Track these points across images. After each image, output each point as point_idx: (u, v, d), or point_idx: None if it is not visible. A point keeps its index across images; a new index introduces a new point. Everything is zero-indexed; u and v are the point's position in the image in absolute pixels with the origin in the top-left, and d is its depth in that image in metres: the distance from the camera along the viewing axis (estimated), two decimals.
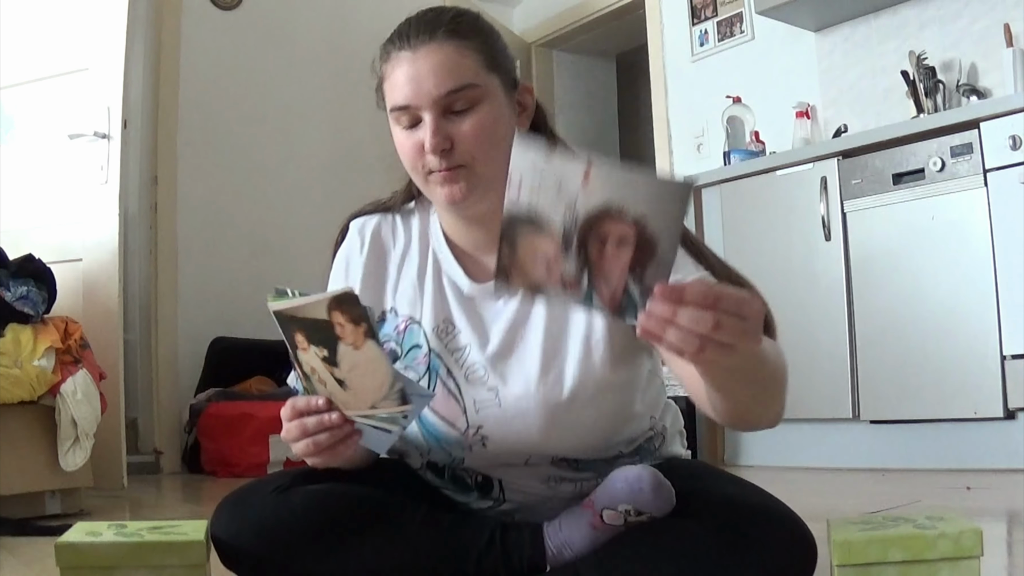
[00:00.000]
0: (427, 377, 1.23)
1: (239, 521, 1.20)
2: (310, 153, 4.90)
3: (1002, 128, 2.86)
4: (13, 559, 2.02)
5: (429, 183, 1.20)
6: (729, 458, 3.63)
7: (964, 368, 2.94)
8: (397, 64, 1.18)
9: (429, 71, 1.15)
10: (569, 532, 1.17)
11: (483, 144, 1.17)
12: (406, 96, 1.17)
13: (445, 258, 1.27)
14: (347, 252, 1.33)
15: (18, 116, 3.53)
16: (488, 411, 1.21)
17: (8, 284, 2.78)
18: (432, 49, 1.16)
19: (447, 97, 1.15)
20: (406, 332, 1.26)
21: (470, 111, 1.16)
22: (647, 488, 1.11)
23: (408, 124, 1.19)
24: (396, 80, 1.18)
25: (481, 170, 1.18)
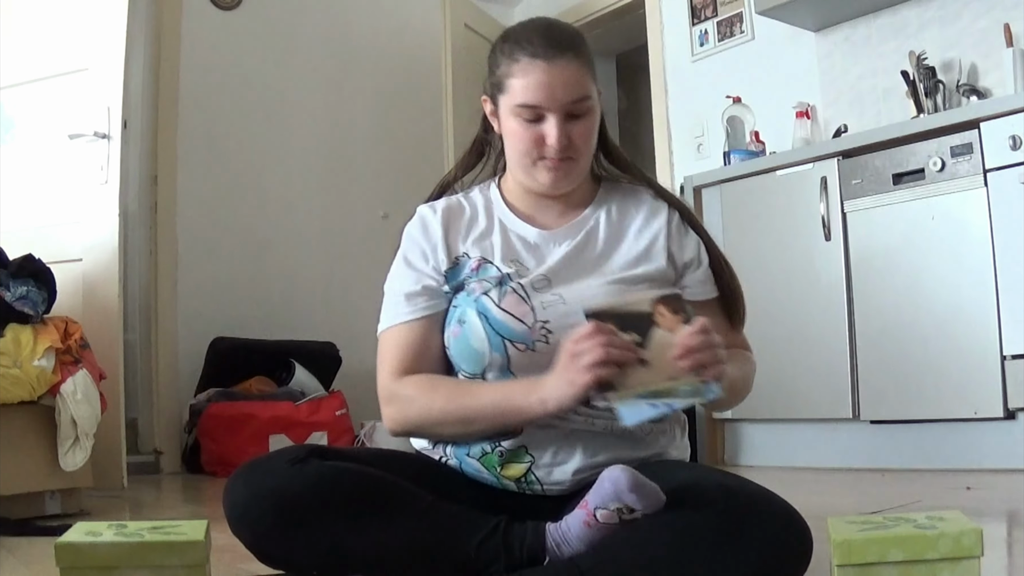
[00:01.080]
0: (499, 287, 1.39)
1: (254, 487, 1.24)
2: (309, 153, 4.90)
3: (1002, 128, 2.86)
4: (13, 559, 2.02)
5: (536, 168, 1.43)
6: (729, 458, 3.63)
7: (964, 368, 2.94)
8: (530, 70, 1.38)
9: (562, 82, 1.37)
10: (567, 528, 1.21)
11: (588, 143, 1.43)
12: (539, 99, 1.38)
13: (509, 219, 1.49)
14: (421, 219, 1.51)
15: (18, 116, 3.53)
16: (554, 308, 1.37)
17: (8, 284, 2.78)
18: (565, 64, 1.38)
19: (572, 104, 1.39)
20: (480, 268, 1.44)
21: (583, 116, 1.41)
22: (626, 488, 1.15)
23: (531, 118, 1.39)
24: (528, 84, 1.38)
25: (581, 162, 1.44)
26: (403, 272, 1.47)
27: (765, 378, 3.83)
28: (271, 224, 4.74)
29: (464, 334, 1.38)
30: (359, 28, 5.08)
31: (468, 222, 1.50)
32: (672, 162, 4.56)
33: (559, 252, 1.45)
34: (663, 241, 1.46)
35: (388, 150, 5.05)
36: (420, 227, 1.49)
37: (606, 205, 1.50)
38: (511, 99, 1.40)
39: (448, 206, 1.52)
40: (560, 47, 1.38)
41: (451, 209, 1.51)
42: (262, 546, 1.26)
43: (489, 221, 1.49)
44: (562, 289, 1.40)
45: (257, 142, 4.74)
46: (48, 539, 1.99)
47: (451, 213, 1.50)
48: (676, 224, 1.48)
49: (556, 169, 1.42)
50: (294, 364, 4.31)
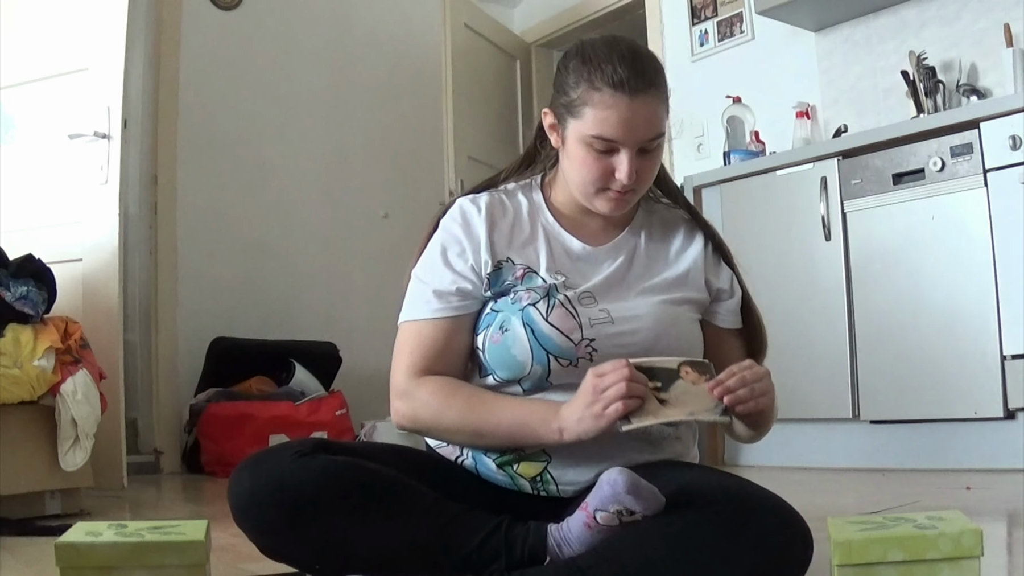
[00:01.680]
0: (547, 299, 1.37)
1: (259, 478, 1.23)
2: (309, 153, 4.90)
3: (1002, 128, 2.86)
4: (13, 559, 2.02)
5: (598, 195, 1.40)
6: (729, 458, 3.63)
7: (964, 368, 2.94)
8: (613, 104, 1.33)
9: (643, 121, 1.34)
10: (568, 529, 1.21)
11: (653, 177, 1.42)
12: (617, 134, 1.34)
13: (554, 228, 1.47)
14: (462, 213, 1.46)
15: (18, 116, 3.53)
16: (601, 327, 1.36)
17: (8, 284, 2.78)
18: (647, 101, 1.34)
19: (648, 142, 1.36)
20: (525, 276, 1.41)
21: (654, 152, 1.38)
22: (623, 493, 1.15)
23: (603, 149, 1.35)
24: (607, 116, 1.33)
25: (642, 192, 1.43)
26: (438, 267, 1.43)
27: None
28: (271, 224, 4.73)
29: (505, 342, 1.36)
30: (359, 28, 5.08)
31: (512, 224, 1.46)
32: (672, 162, 4.56)
33: (604, 269, 1.44)
34: (700, 266, 1.48)
35: (388, 150, 5.05)
36: (462, 222, 1.45)
37: (646, 227, 1.50)
38: (584, 127, 1.35)
39: (492, 203, 1.47)
40: (645, 83, 1.34)
41: (494, 207, 1.47)
42: (265, 539, 1.26)
43: (533, 227, 1.47)
44: (609, 306, 1.39)
45: (257, 142, 4.74)
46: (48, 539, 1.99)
47: (495, 212, 1.46)
48: (711, 252, 1.51)
49: (618, 200, 1.40)
50: (294, 364, 4.31)
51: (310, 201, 4.84)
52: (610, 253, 1.46)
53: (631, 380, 1.21)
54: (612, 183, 1.37)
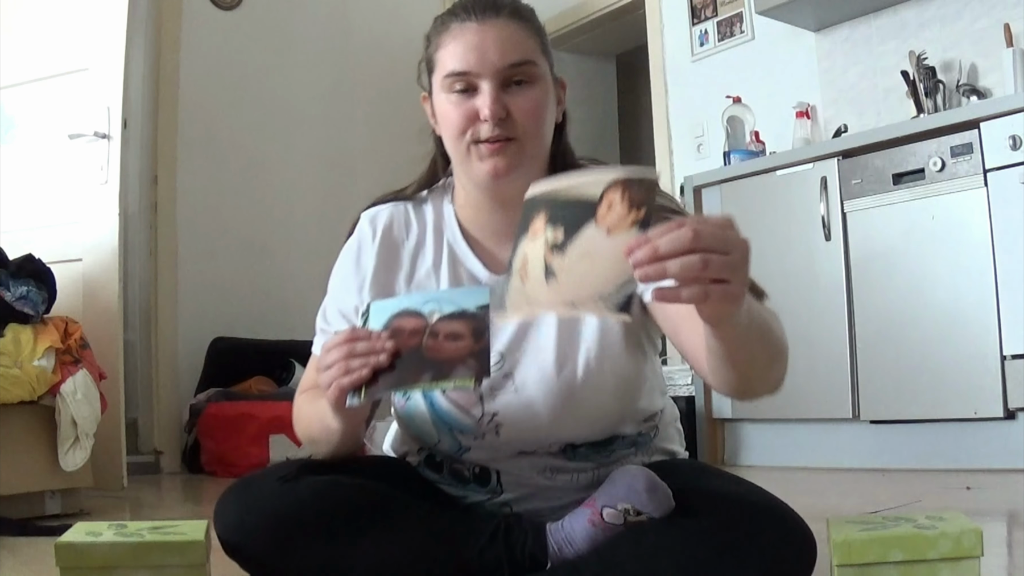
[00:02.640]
0: None
1: (244, 509, 1.20)
2: (310, 153, 4.90)
3: (1002, 128, 2.86)
4: (13, 559, 2.02)
5: (471, 155, 1.21)
6: (729, 458, 3.63)
7: (964, 368, 2.94)
8: (460, 33, 1.20)
9: (495, 42, 1.18)
10: (571, 530, 1.18)
11: (535, 120, 1.21)
12: (468, 63, 1.19)
13: (461, 249, 1.29)
14: (359, 240, 1.33)
15: (18, 116, 3.53)
16: (504, 397, 1.22)
17: (8, 284, 2.78)
18: (499, 23, 1.20)
19: (509, 69, 1.19)
20: None
21: (527, 86, 1.20)
22: (642, 489, 1.13)
23: (462, 89, 1.20)
24: (456, 48, 1.20)
25: (528, 146, 1.21)
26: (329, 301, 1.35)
27: None
28: (271, 224, 4.74)
29: (408, 412, 1.28)
30: (359, 28, 5.08)
31: (413, 250, 1.30)
32: (672, 162, 4.56)
33: None
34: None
35: (388, 150, 5.04)
36: (355, 253, 1.33)
37: None
38: (440, 74, 1.22)
39: (391, 226, 1.32)
40: (494, 8, 1.21)
41: (394, 231, 1.31)
42: (258, 568, 1.22)
43: (438, 249, 1.30)
44: (517, 371, 1.23)
45: (257, 142, 4.74)
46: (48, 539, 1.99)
47: (392, 237, 1.31)
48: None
49: (495, 153, 1.19)
50: (294, 364, 4.31)
51: (310, 201, 4.84)
52: None
53: (348, 356, 1.05)
54: (480, 129, 1.19)
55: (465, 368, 1.05)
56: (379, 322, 1.10)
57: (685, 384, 3.86)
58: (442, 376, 1.06)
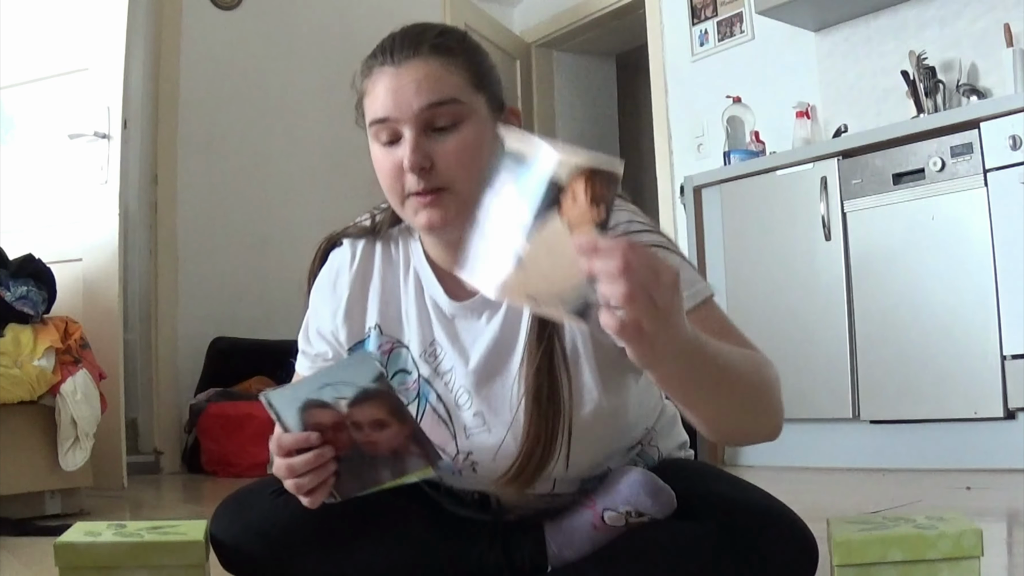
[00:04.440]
0: (417, 403, 1.21)
1: (239, 523, 1.20)
2: (310, 153, 4.90)
3: (1002, 128, 2.86)
4: (13, 559, 2.02)
5: (406, 207, 1.15)
6: (729, 458, 3.63)
7: (964, 368, 2.94)
8: (379, 78, 1.13)
9: (411, 83, 1.10)
10: (571, 532, 1.18)
11: (465, 165, 1.10)
12: (386, 108, 1.11)
13: (427, 278, 1.23)
14: (335, 272, 1.28)
15: (18, 116, 3.53)
16: (477, 437, 1.19)
17: (8, 284, 2.78)
18: (416, 63, 1.11)
19: (428, 110, 1.10)
20: (391, 355, 1.23)
21: (453, 129, 1.11)
22: (644, 492, 1.13)
23: (387, 140, 1.14)
24: (377, 93, 1.13)
25: (462, 192, 1.11)
26: (307, 323, 1.31)
27: None
28: (271, 224, 4.73)
29: None
30: (359, 28, 5.07)
31: (382, 279, 1.25)
32: (672, 162, 4.56)
33: (479, 330, 1.19)
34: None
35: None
36: (331, 281, 1.28)
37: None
38: (367, 120, 1.15)
39: (367, 252, 1.27)
40: (413, 46, 1.12)
41: (369, 260, 1.26)
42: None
43: (405, 281, 1.24)
44: (486, 407, 1.18)
45: (257, 142, 4.74)
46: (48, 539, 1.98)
47: (367, 267, 1.26)
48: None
49: (426, 206, 1.11)
50: (294, 364, 4.30)
51: (310, 201, 4.84)
52: (483, 306, 1.18)
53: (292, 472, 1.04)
54: (407, 181, 1.12)
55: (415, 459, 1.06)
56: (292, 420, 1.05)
57: None
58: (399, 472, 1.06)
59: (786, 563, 1.12)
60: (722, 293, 3.61)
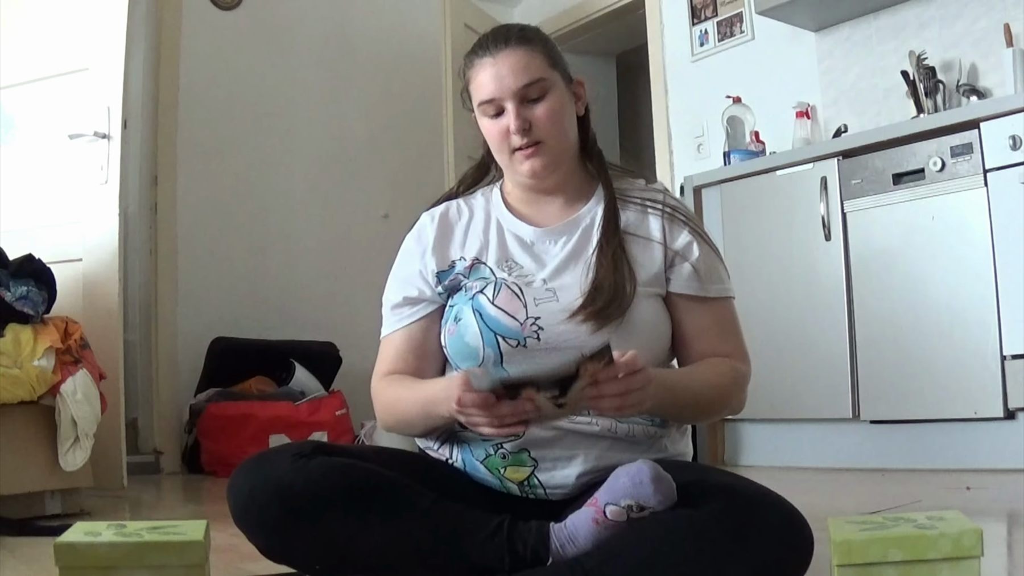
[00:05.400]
0: (493, 285, 1.42)
1: (258, 480, 1.25)
2: (310, 153, 4.90)
3: (1002, 128, 2.86)
4: (13, 559, 2.02)
5: (513, 161, 1.46)
6: (729, 458, 3.63)
7: (964, 368, 2.94)
8: (481, 68, 1.45)
9: (508, 70, 1.42)
10: (574, 527, 1.20)
11: (555, 124, 1.44)
12: (491, 91, 1.43)
13: (506, 218, 1.52)
14: (419, 229, 1.55)
15: (18, 116, 3.53)
16: (546, 304, 1.39)
17: (8, 284, 2.78)
18: (508, 53, 1.43)
19: (524, 89, 1.42)
20: (472, 269, 1.48)
21: (542, 99, 1.43)
22: (647, 481, 1.15)
23: (494, 114, 1.45)
24: (481, 80, 1.44)
25: (554, 145, 1.45)
26: (391, 283, 1.54)
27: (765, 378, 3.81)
28: (271, 224, 4.74)
29: (459, 332, 1.41)
30: (359, 28, 5.08)
31: (466, 225, 1.53)
32: (672, 162, 4.56)
33: (556, 249, 1.47)
34: (659, 235, 1.46)
35: (388, 150, 5.05)
36: (416, 234, 1.55)
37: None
38: (476, 101, 1.47)
39: (446, 211, 1.56)
40: (504, 39, 1.44)
41: (449, 214, 1.55)
42: (265, 540, 1.27)
43: (487, 222, 1.53)
44: (556, 284, 1.42)
45: (257, 142, 4.74)
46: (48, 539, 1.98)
47: (448, 218, 1.54)
48: (668, 216, 1.48)
49: (529, 157, 1.44)
50: (294, 364, 4.31)
51: (310, 201, 4.84)
52: (563, 231, 1.49)
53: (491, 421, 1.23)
54: (512, 140, 1.44)
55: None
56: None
57: None
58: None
59: (783, 549, 1.15)
60: None
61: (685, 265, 1.45)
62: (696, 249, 1.46)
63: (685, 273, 1.45)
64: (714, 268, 1.47)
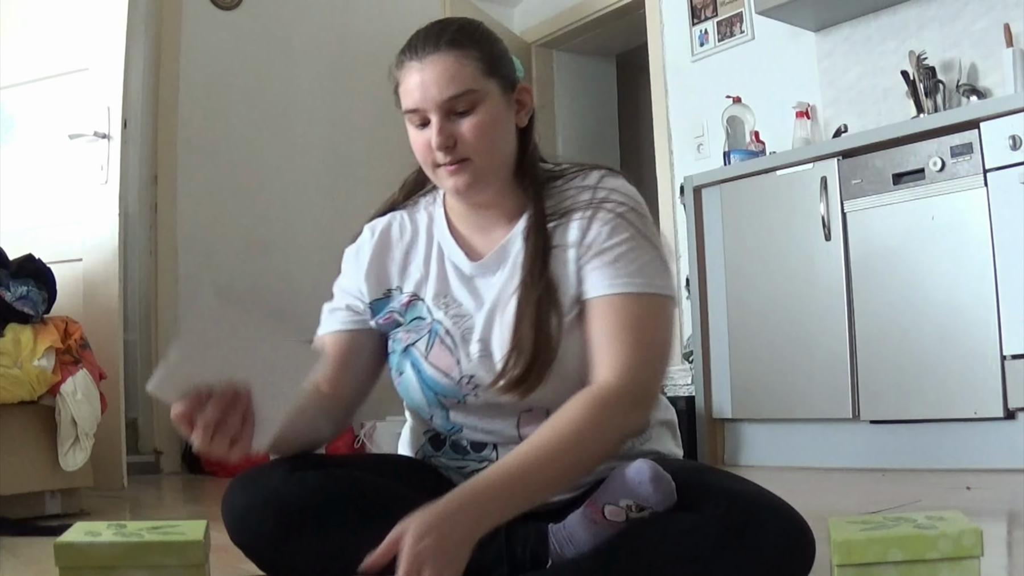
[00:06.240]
0: (427, 337, 1.35)
1: (252, 494, 1.24)
2: (310, 153, 4.90)
3: (1002, 128, 2.86)
4: (13, 559, 2.02)
5: (438, 175, 1.34)
6: (729, 458, 3.63)
7: (964, 368, 2.94)
8: (408, 72, 1.32)
9: (433, 79, 1.29)
10: (572, 528, 1.19)
11: (482, 141, 1.30)
12: (415, 100, 1.30)
13: (448, 244, 1.41)
14: (359, 244, 1.47)
15: (18, 116, 3.53)
16: (479, 360, 1.31)
17: (8, 284, 2.78)
18: (436, 59, 1.30)
19: (449, 101, 1.29)
20: (409, 306, 1.39)
21: (470, 112, 1.29)
22: (647, 480, 1.13)
23: (419, 124, 1.32)
24: (407, 86, 1.32)
25: (482, 163, 1.31)
26: (335, 288, 1.48)
27: (765, 378, 3.82)
28: (271, 224, 4.73)
29: (404, 385, 1.38)
30: (359, 28, 5.08)
31: (407, 247, 1.43)
32: (672, 162, 4.56)
33: (493, 281, 1.35)
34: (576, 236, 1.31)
35: (388, 150, 5.02)
36: (355, 252, 1.46)
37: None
38: (403, 107, 1.34)
39: (387, 228, 1.45)
40: (435, 42, 1.31)
41: (389, 232, 1.44)
42: (261, 553, 1.25)
43: (428, 247, 1.42)
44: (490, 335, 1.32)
45: (257, 142, 4.74)
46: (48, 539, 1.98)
47: (389, 236, 1.44)
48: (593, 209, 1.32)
49: (453, 174, 1.31)
50: None
51: (310, 201, 4.84)
52: (496, 263, 1.36)
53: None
54: (437, 155, 1.31)
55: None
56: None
57: (685, 384, 3.86)
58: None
59: (784, 553, 1.14)
60: (722, 293, 3.61)
61: (594, 260, 1.29)
62: (612, 236, 1.29)
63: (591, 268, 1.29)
64: (634, 259, 1.28)
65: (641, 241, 1.29)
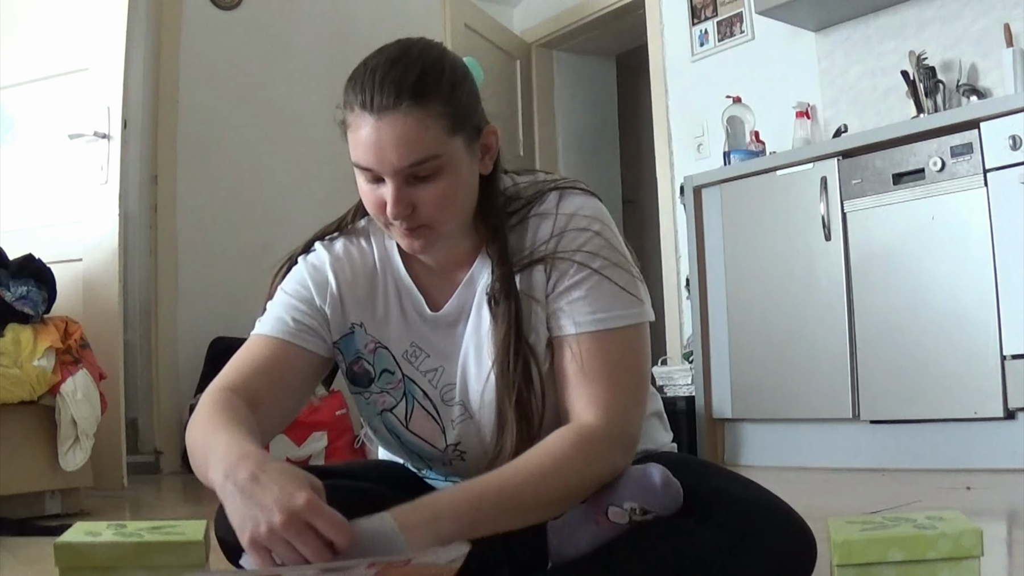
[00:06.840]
0: (404, 402, 1.27)
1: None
2: (310, 153, 4.89)
3: (1002, 128, 2.86)
4: (13, 559, 2.02)
5: (391, 231, 1.21)
6: (729, 458, 3.63)
7: (964, 368, 2.94)
8: (361, 123, 1.14)
9: (392, 143, 1.11)
10: (573, 530, 1.17)
11: (444, 208, 1.16)
12: (369, 161, 1.14)
13: (404, 286, 1.29)
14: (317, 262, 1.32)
15: (18, 116, 3.53)
16: (463, 425, 1.26)
17: (8, 284, 2.78)
18: (395, 120, 1.11)
19: (410, 168, 1.13)
20: (376, 354, 1.28)
21: (432, 178, 1.14)
22: (656, 484, 1.11)
23: (370, 180, 1.17)
24: (359, 139, 1.14)
25: (441, 228, 1.18)
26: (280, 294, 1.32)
27: (765, 378, 3.82)
28: (271, 224, 4.73)
29: (382, 441, 1.34)
30: (359, 28, 5.08)
31: (366, 282, 1.29)
32: (672, 162, 4.56)
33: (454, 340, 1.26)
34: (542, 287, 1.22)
35: None
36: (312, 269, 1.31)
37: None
38: (352, 155, 1.17)
39: (343, 258, 1.30)
40: (395, 96, 1.11)
41: (346, 263, 1.30)
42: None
43: (385, 283, 1.29)
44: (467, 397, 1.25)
45: (257, 142, 4.74)
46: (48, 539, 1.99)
47: (350, 264, 1.30)
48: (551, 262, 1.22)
49: (410, 237, 1.18)
50: None
51: (310, 201, 4.83)
52: (457, 313, 1.26)
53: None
54: (390, 216, 1.16)
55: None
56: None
57: (685, 384, 3.86)
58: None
59: (787, 559, 1.13)
60: (722, 293, 3.61)
61: (562, 298, 1.21)
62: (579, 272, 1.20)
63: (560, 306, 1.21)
64: (604, 292, 1.20)
65: (609, 270, 1.20)
